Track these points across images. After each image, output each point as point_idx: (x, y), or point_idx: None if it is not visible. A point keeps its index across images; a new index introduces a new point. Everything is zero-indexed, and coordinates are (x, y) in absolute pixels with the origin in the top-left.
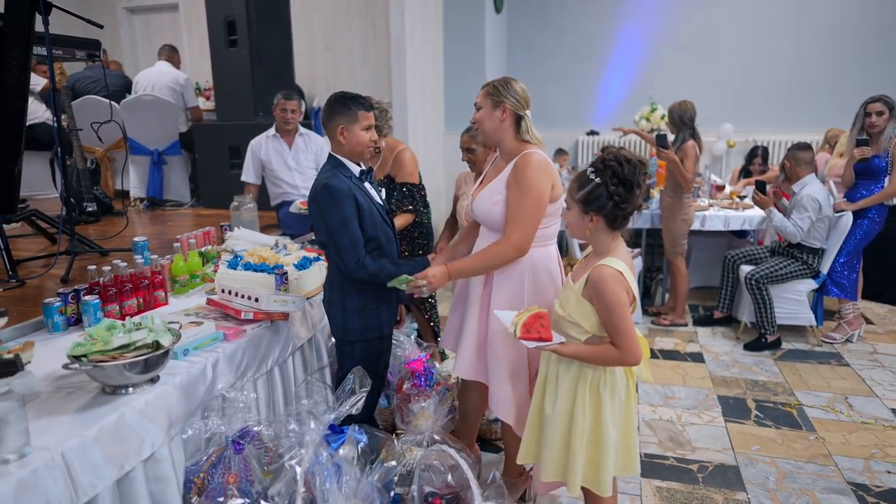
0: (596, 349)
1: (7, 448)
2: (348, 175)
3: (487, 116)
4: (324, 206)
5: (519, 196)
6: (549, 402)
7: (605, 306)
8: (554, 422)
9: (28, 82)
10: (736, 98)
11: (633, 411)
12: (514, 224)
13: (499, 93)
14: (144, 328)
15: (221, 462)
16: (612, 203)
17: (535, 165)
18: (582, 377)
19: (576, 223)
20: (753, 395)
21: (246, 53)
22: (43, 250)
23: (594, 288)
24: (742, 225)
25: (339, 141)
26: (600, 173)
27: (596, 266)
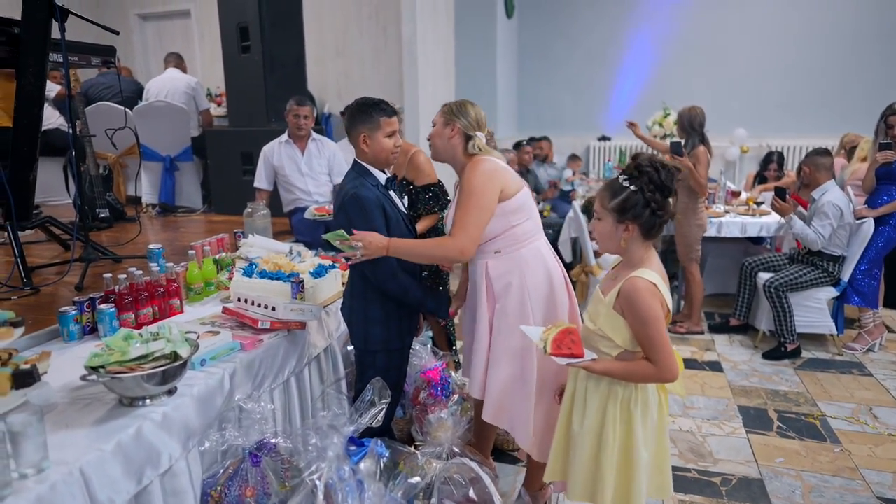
0: (630, 366)
1: (25, 462)
2: (374, 183)
3: (438, 133)
4: (353, 216)
5: (463, 199)
6: (577, 419)
7: (639, 320)
8: (582, 440)
9: (44, 89)
10: (749, 103)
11: (665, 429)
12: (458, 225)
13: (451, 113)
14: (162, 338)
15: (238, 475)
16: (649, 210)
17: (480, 171)
18: (612, 394)
19: (609, 234)
20: (775, 406)
21: (259, 59)
22: (56, 257)
23: (627, 301)
24: (759, 231)
25: (362, 149)
26: (635, 180)
27: (629, 278)
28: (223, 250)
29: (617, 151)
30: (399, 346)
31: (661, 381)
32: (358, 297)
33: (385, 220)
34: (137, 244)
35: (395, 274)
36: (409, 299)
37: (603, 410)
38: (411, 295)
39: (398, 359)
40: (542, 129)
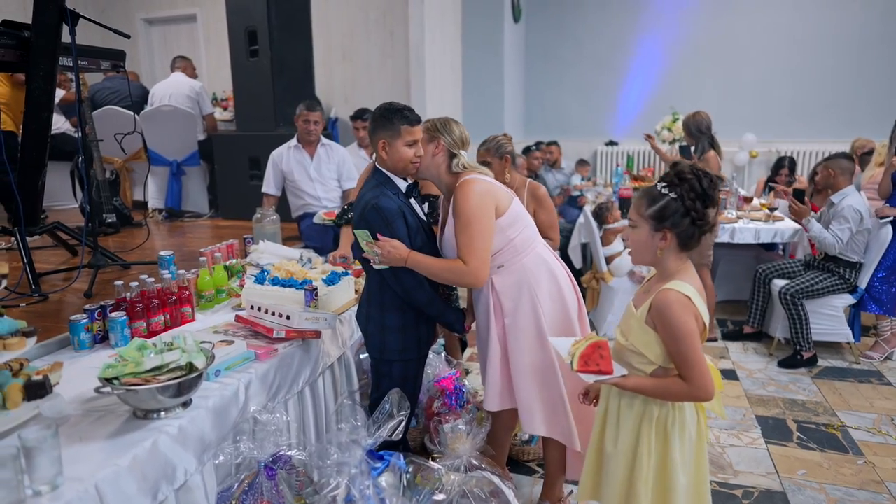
0: (662, 383)
1: (40, 478)
2: (395, 192)
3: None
4: (375, 226)
5: (460, 226)
6: (610, 440)
7: (671, 335)
8: (615, 461)
9: (54, 93)
10: (758, 107)
11: (704, 451)
12: (465, 252)
13: (436, 129)
14: (177, 349)
15: (253, 488)
16: (688, 220)
17: (469, 193)
18: (647, 414)
19: (644, 243)
20: (793, 416)
21: (267, 63)
22: (64, 263)
23: (659, 315)
24: (773, 238)
25: (381, 156)
26: (675, 187)
27: (661, 290)
28: (233, 256)
29: (624, 156)
30: (416, 355)
31: (694, 401)
32: (375, 305)
33: (406, 228)
34: (145, 250)
35: (421, 283)
36: (431, 310)
37: (637, 430)
38: (434, 306)
39: (414, 368)
40: (549, 133)
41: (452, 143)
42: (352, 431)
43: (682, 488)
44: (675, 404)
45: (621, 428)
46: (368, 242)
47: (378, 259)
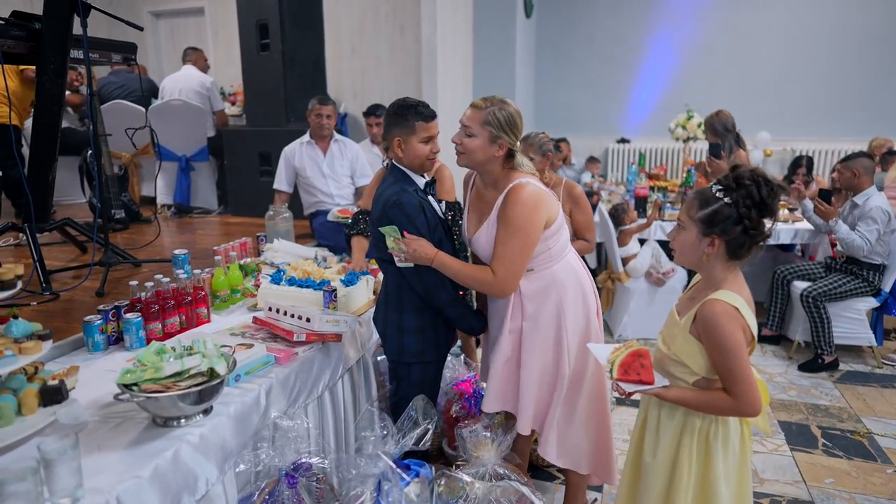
0: (706, 396)
1: (59, 490)
2: (414, 188)
3: (481, 148)
4: (398, 223)
5: (506, 235)
6: (649, 450)
7: (717, 347)
8: (654, 473)
9: (65, 87)
10: (773, 105)
11: (748, 464)
12: (499, 262)
13: (499, 126)
14: (197, 353)
15: (274, 497)
16: (740, 227)
17: (525, 201)
18: (689, 426)
19: (690, 246)
20: (817, 422)
21: (278, 57)
22: (73, 260)
23: (704, 325)
24: (793, 238)
25: (397, 154)
26: (731, 192)
27: (707, 300)
28: (247, 255)
29: (636, 154)
30: (434, 357)
31: (739, 415)
32: (393, 306)
33: (427, 225)
34: (155, 247)
35: (444, 283)
36: (452, 312)
37: (678, 442)
38: (455, 308)
39: (434, 371)
40: (560, 130)
41: (513, 141)
42: (378, 441)
43: (724, 501)
44: (717, 417)
45: (661, 438)
46: (396, 239)
47: (403, 256)
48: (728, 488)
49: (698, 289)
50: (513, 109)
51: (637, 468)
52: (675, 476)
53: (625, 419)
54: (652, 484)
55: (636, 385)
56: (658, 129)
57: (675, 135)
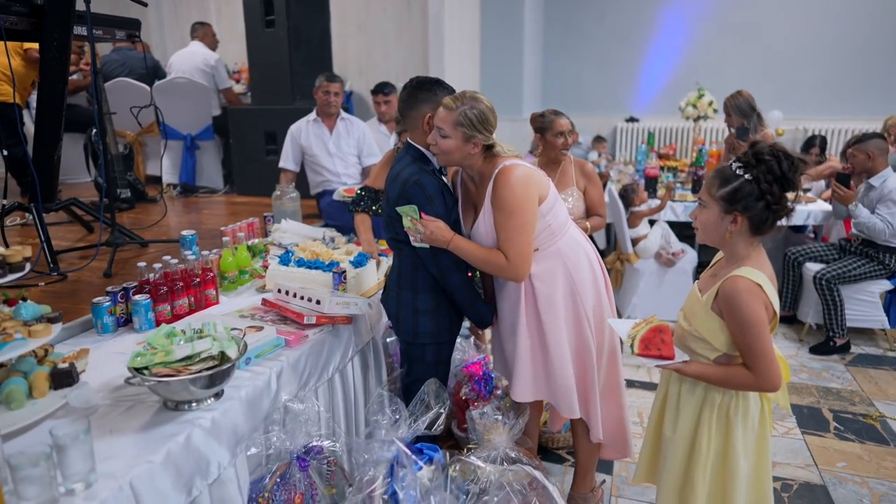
0: (726, 371)
1: (72, 475)
2: (432, 169)
3: (457, 148)
4: (417, 204)
5: (504, 219)
6: (669, 425)
7: (738, 324)
8: (674, 446)
9: (69, 64)
10: (785, 83)
11: (768, 439)
12: (506, 246)
13: (472, 126)
14: (207, 336)
15: (285, 480)
16: (762, 203)
17: (514, 182)
18: (709, 401)
19: (713, 224)
20: (829, 405)
21: (284, 34)
22: (80, 240)
23: (726, 302)
24: (805, 220)
25: (424, 131)
26: (752, 168)
27: (729, 277)
28: (254, 236)
29: (645, 133)
30: (448, 338)
31: (759, 391)
32: (406, 287)
33: (445, 207)
34: (161, 227)
35: (458, 265)
36: (462, 297)
37: (697, 416)
38: (466, 293)
39: (447, 351)
40: (567, 108)
41: (488, 136)
42: (390, 426)
43: (743, 476)
44: (738, 392)
45: (681, 413)
46: (413, 219)
47: (420, 237)
48: (747, 462)
49: (720, 266)
50: (484, 106)
51: (657, 442)
52: (694, 450)
53: (634, 401)
54: (671, 457)
55: (657, 360)
56: (668, 107)
57: (685, 113)
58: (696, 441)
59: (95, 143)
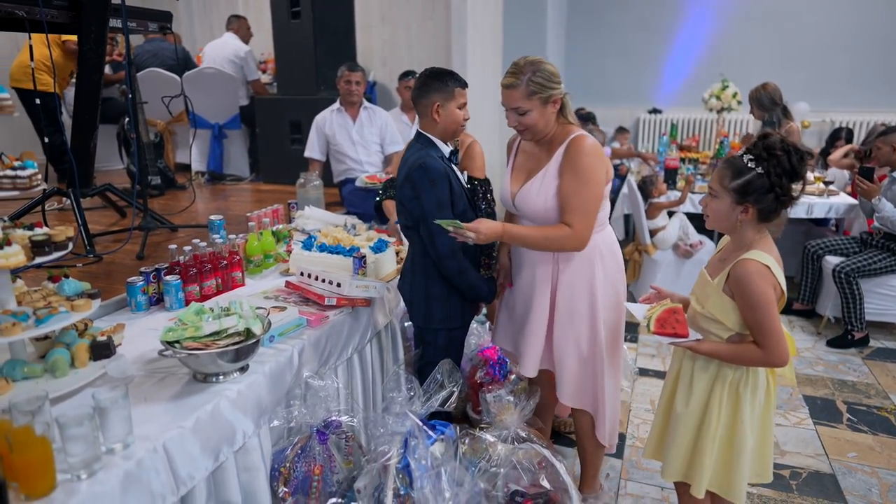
0: (737, 348)
1: (112, 437)
2: (440, 155)
3: (540, 117)
4: (419, 187)
5: (577, 185)
6: (681, 400)
7: (749, 304)
8: (685, 420)
9: (104, 55)
10: (813, 75)
11: (771, 414)
12: (576, 214)
13: (544, 87)
14: (234, 314)
15: (306, 452)
16: (772, 195)
17: (590, 150)
18: (721, 376)
19: (724, 213)
20: (843, 397)
21: (309, 26)
22: (113, 224)
23: (737, 284)
24: (827, 213)
25: (433, 119)
26: (763, 162)
27: (740, 260)
28: (278, 222)
29: (668, 125)
30: (460, 323)
31: (768, 366)
32: (419, 273)
33: (450, 192)
34: (190, 212)
35: (454, 253)
36: (462, 281)
37: (709, 392)
38: (466, 277)
39: (459, 337)
40: (590, 99)
41: (560, 89)
42: (405, 401)
43: (749, 449)
44: (748, 368)
45: (693, 388)
46: (456, 228)
47: (471, 241)
48: (753, 437)
49: (728, 250)
50: (543, 64)
51: (667, 418)
52: (704, 424)
53: (647, 389)
54: (681, 432)
55: (672, 338)
56: (691, 99)
57: (708, 105)
58: (706, 415)
59: (128, 132)
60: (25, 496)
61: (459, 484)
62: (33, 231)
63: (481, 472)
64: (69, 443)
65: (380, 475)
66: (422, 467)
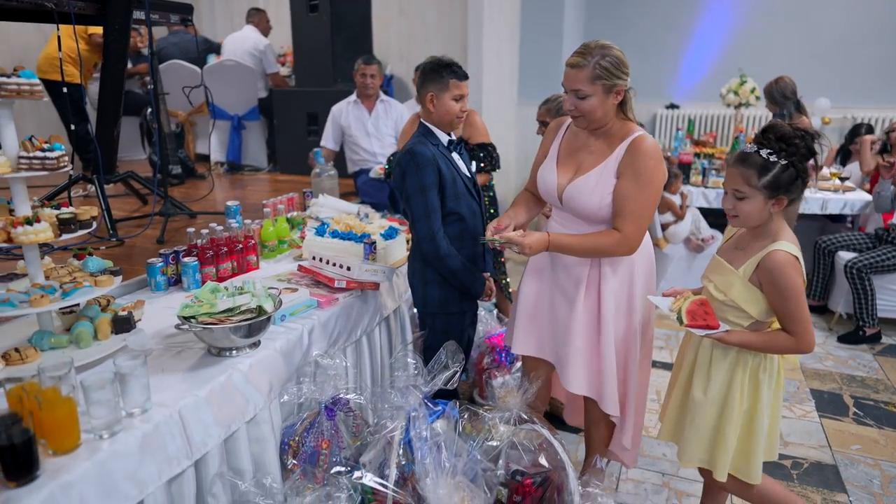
0: (767, 337)
1: (132, 402)
2: (436, 143)
3: (600, 105)
4: (406, 171)
5: (637, 189)
6: (699, 387)
7: (782, 295)
8: (704, 408)
9: (128, 46)
10: (834, 70)
11: (781, 395)
12: (630, 219)
13: (611, 75)
14: (247, 293)
15: (314, 427)
16: (799, 181)
17: (653, 153)
18: (741, 363)
19: (757, 212)
20: (851, 391)
21: (327, 18)
22: (135, 211)
23: (769, 275)
24: (842, 209)
25: (428, 108)
26: (783, 154)
27: (771, 251)
28: (293, 209)
29: (685, 120)
30: (458, 309)
31: (798, 353)
32: (418, 259)
33: (440, 178)
34: (209, 200)
35: (433, 237)
36: (443, 268)
37: (730, 378)
38: (448, 264)
39: (458, 322)
40: None
41: (627, 80)
42: (410, 378)
43: (765, 430)
44: (766, 354)
45: (713, 376)
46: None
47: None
48: (767, 419)
49: (745, 239)
50: (616, 50)
51: (683, 406)
52: (726, 410)
53: (654, 380)
54: (701, 418)
55: (704, 330)
56: (709, 94)
57: (726, 100)
58: (728, 402)
59: (150, 122)
60: (53, 451)
61: (458, 455)
62: (60, 210)
63: (480, 446)
64: (92, 406)
65: (384, 450)
66: (423, 440)
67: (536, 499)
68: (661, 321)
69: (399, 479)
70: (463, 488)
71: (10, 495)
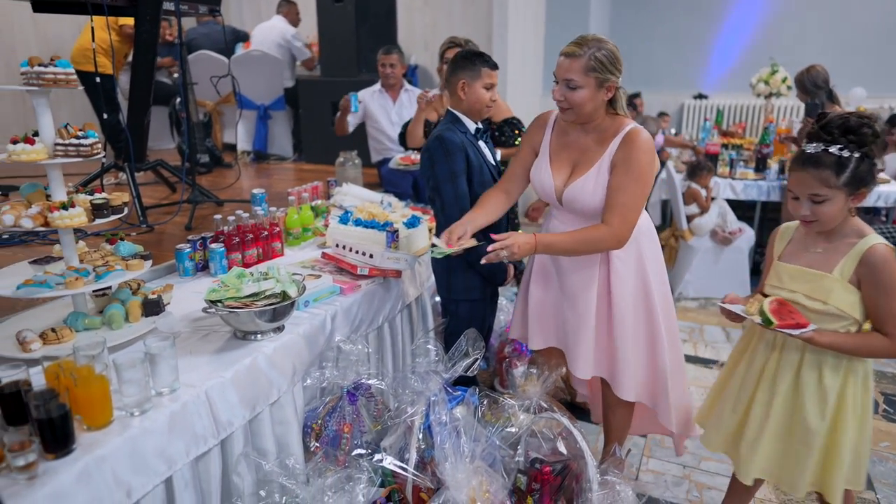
0: (859, 339)
1: (161, 382)
2: (464, 131)
3: (590, 98)
4: (435, 157)
5: (627, 181)
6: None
7: (883, 290)
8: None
9: (158, 37)
10: (870, 59)
11: None
12: (619, 211)
13: (605, 68)
14: (272, 278)
15: (336, 411)
16: (874, 169)
17: (646, 147)
18: (851, 374)
19: (839, 211)
20: (881, 388)
21: (352, 9)
22: (164, 198)
23: (872, 270)
24: (876, 201)
25: (459, 96)
26: (854, 146)
27: (871, 247)
28: (318, 197)
29: (714, 110)
30: (481, 295)
31: (892, 356)
32: None
33: (467, 165)
34: (235, 189)
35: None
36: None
37: (843, 394)
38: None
39: (481, 309)
40: (634, 85)
41: (618, 80)
42: (430, 364)
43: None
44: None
45: (828, 399)
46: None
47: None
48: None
49: (816, 241)
50: (611, 45)
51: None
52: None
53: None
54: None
55: (793, 329)
56: (739, 84)
57: (756, 90)
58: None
59: (179, 111)
60: (87, 426)
61: (476, 441)
62: (93, 196)
63: (499, 433)
64: (124, 385)
65: (405, 434)
66: (443, 425)
67: (555, 487)
68: (685, 313)
69: (419, 463)
70: (481, 473)
71: (48, 466)
